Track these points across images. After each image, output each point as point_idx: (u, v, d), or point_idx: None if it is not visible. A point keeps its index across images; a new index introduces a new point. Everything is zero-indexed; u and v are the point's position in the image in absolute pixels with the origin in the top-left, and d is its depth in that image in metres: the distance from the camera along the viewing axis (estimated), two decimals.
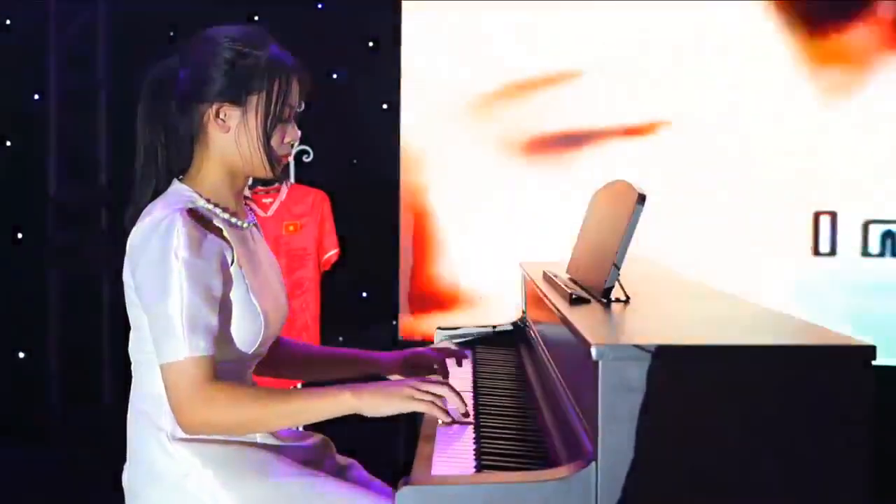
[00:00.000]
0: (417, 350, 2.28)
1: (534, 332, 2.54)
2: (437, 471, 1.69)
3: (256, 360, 1.93)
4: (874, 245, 4.66)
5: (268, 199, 4.15)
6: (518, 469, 1.70)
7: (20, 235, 5.20)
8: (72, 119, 5.19)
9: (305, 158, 4.50)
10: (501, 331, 2.85)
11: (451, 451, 1.80)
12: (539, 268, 2.61)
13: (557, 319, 1.95)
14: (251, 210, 2.00)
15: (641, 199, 1.94)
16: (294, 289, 4.06)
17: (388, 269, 4.93)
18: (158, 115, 1.85)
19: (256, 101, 1.84)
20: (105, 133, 5.24)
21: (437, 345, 2.67)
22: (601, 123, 4.80)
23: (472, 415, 2.00)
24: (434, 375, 2.19)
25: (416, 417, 1.88)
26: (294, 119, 1.91)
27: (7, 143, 5.19)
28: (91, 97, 5.23)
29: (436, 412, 1.77)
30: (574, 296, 2.01)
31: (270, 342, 1.93)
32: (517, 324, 2.87)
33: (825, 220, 4.68)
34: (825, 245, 4.69)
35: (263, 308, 1.84)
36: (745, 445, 1.53)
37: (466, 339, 2.79)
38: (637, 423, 1.52)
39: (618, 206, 2.07)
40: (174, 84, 1.84)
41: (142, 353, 1.83)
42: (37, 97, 5.16)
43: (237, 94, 1.83)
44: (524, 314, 2.87)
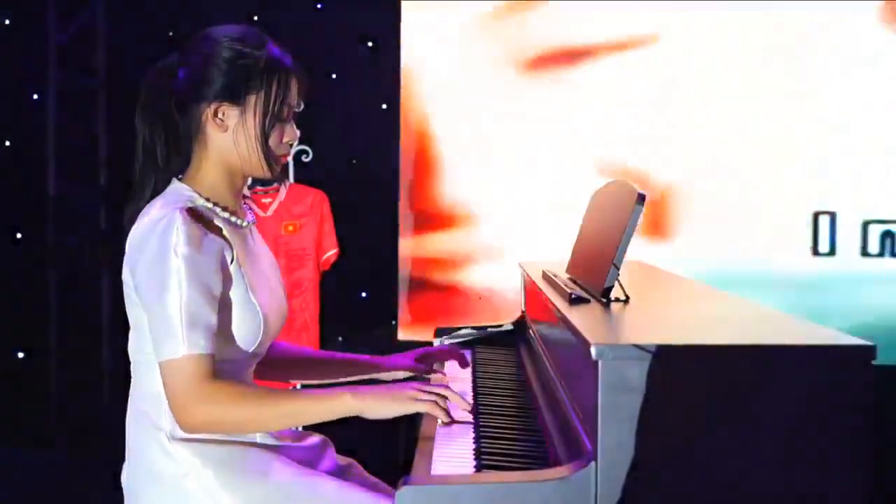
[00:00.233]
0: (425, 349, 2.32)
1: (534, 332, 2.54)
2: (437, 470, 1.69)
3: (256, 360, 1.93)
4: (873, 245, 4.66)
5: (267, 199, 4.15)
6: (518, 469, 1.70)
7: (20, 235, 5.20)
8: (71, 119, 5.19)
9: (304, 158, 4.49)
10: (501, 331, 2.85)
11: (451, 451, 1.80)
12: (539, 267, 2.61)
13: (557, 319, 1.95)
14: (250, 209, 2.00)
15: (641, 199, 1.94)
16: (293, 289, 4.06)
17: (388, 269, 4.93)
18: (157, 115, 1.85)
19: (255, 101, 1.84)
20: (104, 133, 5.24)
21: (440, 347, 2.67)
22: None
23: (472, 415, 2.01)
24: (436, 376, 2.21)
25: (417, 418, 1.88)
26: (293, 119, 1.91)
27: (6, 143, 5.19)
28: (91, 97, 5.23)
29: (437, 412, 1.77)
30: (574, 295, 2.01)
31: (270, 342, 1.92)
32: (517, 324, 2.87)
33: (825, 220, 4.68)
34: (825, 245, 4.69)
35: (263, 307, 1.84)
36: (745, 445, 1.53)
37: (466, 340, 2.79)
38: (637, 423, 1.52)
39: (617, 206, 2.07)
40: (173, 83, 1.84)
41: (141, 353, 1.82)
42: (36, 97, 5.16)
43: (236, 94, 1.83)
44: (524, 314, 2.87)
